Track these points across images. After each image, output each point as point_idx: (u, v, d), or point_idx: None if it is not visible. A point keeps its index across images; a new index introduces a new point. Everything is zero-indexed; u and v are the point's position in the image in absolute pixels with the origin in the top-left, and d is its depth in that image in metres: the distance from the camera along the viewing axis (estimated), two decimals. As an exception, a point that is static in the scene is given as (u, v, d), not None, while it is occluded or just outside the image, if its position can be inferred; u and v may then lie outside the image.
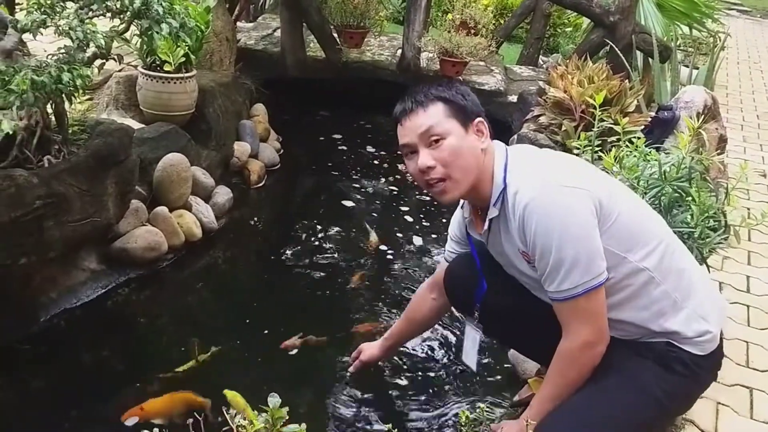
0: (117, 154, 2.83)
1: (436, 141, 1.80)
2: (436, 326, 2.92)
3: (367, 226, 4.10)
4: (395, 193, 4.79)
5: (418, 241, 4.08)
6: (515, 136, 4.58)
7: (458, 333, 2.97)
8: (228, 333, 2.96)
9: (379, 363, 2.68)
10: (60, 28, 2.55)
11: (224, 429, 1.16)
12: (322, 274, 3.56)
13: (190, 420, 1.37)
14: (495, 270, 2.06)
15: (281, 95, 5.56)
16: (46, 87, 2.42)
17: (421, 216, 4.42)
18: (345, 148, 5.46)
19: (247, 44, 5.73)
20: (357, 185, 4.81)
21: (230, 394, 2.01)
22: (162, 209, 3.44)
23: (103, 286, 3.13)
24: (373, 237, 3.96)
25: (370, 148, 5.51)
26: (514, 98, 5.64)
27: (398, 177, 4.98)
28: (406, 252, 3.95)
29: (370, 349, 2.59)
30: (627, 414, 1.79)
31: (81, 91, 2.65)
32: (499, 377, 2.80)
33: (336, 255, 3.79)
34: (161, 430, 1.41)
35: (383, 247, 3.94)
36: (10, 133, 2.40)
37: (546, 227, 1.72)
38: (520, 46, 8.08)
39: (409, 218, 4.41)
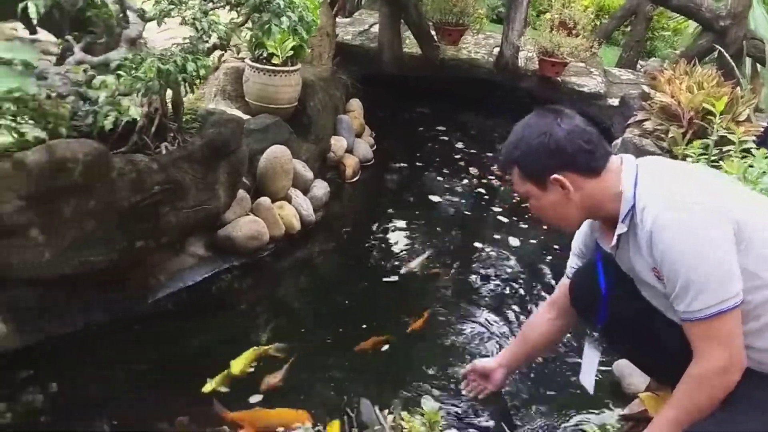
0: (229, 144, 2.89)
1: (526, 198, 1.86)
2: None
3: (422, 254, 3.73)
4: (487, 192, 4.73)
5: (514, 241, 4.00)
6: (618, 141, 4.42)
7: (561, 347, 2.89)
8: (319, 326, 2.99)
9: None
10: (185, 18, 2.62)
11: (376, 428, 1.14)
12: (403, 274, 3.53)
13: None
14: (621, 283, 1.97)
15: (376, 91, 5.58)
16: (171, 75, 2.48)
17: (515, 218, 4.32)
18: (438, 145, 5.42)
19: (344, 39, 5.77)
20: (448, 183, 4.77)
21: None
22: (265, 200, 3.49)
23: (208, 272, 3.21)
24: (415, 263, 3.61)
25: (462, 146, 5.46)
26: (614, 101, 5.47)
27: (491, 177, 4.90)
28: (502, 252, 3.88)
29: (486, 364, 2.48)
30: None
31: (201, 81, 2.71)
32: (603, 390, 2.69)
33: (425, 251, 3.75)
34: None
35: (477, 244, 3.89)
36: (137, 119, 2.48)
37: (674, 246, 1.62)
38: (616, 49, 7.85)
39: (502, 218, 4.34)
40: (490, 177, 4.92)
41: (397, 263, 3.62)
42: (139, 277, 2.90)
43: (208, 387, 2.43)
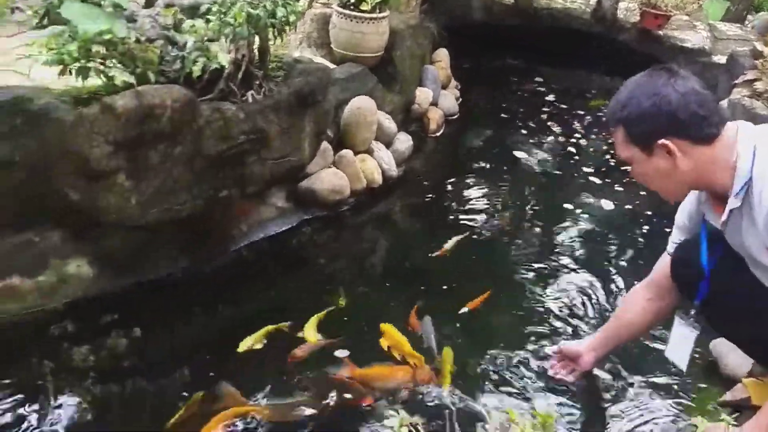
0: (316, 93, 2.79)
1: (629, 163, 1.76)
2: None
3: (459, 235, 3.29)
4: (577, 151, 4.48)
5: (606, 204, 3.78)
6: (725, 102, 4.09)
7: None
8: (395, 284, 2.90)
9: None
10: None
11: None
12: (489, 232, 3.40)
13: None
14: (727, 260, 1.79)
15: (464, 41, 5.34)
16: (260, 21, 2.39)
17: (608, 180, 4.09)
18: (527, 99, 5.18)
19: (432, -15, 5.52)
20: (536, 140, 4.56)
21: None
22: (347, 152, 3.40)
23: (289, 224, 3.18)
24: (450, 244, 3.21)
25: (553, 101, 5.20)
26: (719, 59, 5.06)
27: (582, 133, 4.64)
28: (592, 216, 3.66)
29: (575, 347, 2.33)
30: None
31: (290, 27, 2.60)
32: (699, 370, 2.51)
33: (505, 212, 3.62)
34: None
35: (566, 206, 3.72)
36: (225, 66, 2.40)
37: None
38: (723, 2, 7.25)
39: (594, 179, 4.10)
40: (581, 134, 4.65)
41: (479, 221, 3.48)
42: (223, 226, 2.89)
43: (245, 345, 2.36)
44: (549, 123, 4.84)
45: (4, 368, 2.21)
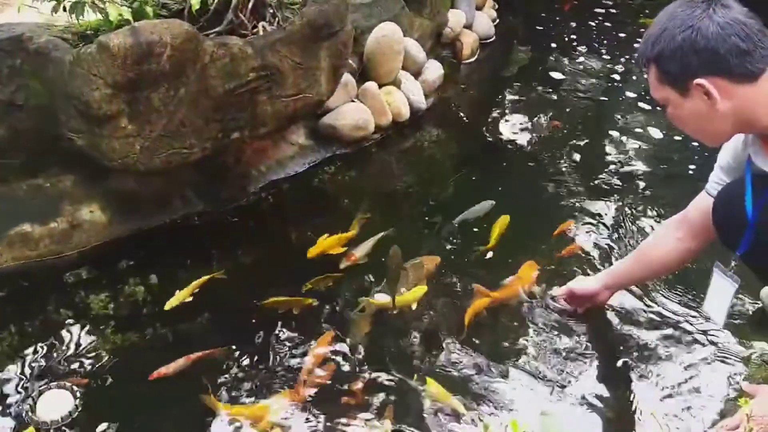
0: (332, 24, 2.58)
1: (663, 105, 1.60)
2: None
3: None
4: (622, 78, 4.18)
5: (655, 132, 3.51)
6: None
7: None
8: (422, 225, 2.79)
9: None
10: None
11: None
12: (530, 164, 3.23)
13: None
14: None
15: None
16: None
17: (659, 108, 3.78)
18: (568, 21, 4.83)
19: None
20: (578, 65, 4.27)
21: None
22: (371, 85, 3.21)
23: (310, 162, 3.06)
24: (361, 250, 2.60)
25: (602, 20, 4.85)
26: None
27: (626, 58, 4.32)
28: (639, 145, 3.42)
29: (587, 287, 2.18)
30: None
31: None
32: (745, 321, 2.33)
33: (541, 146, 3.39)
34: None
35: (614, 134, 3.50)
36: (228, -5, 2.22)
37: None
38: None
39: (643, 105, 3.80)
40: (629, 57, 4.32)
41: (518, 153, 3.30)
42: (239, 167, 2.79)
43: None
44: (595, 45, 4.52)
45: (20, 316, 2.19)
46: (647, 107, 3.78)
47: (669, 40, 1.48)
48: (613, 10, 5.03)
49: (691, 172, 3.16)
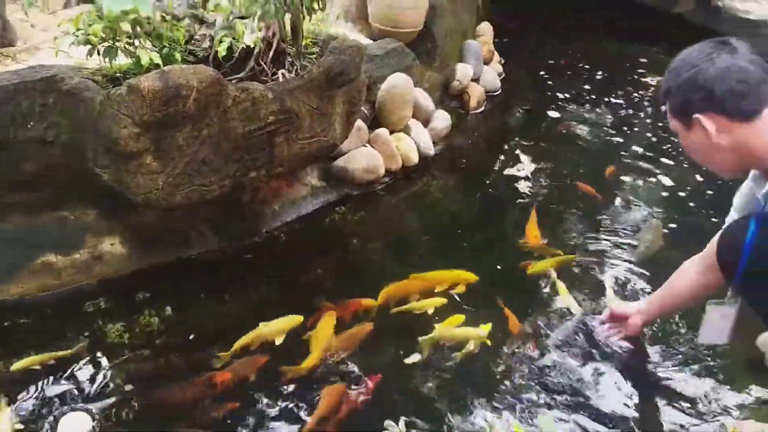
0: (348, 72, 2.73)
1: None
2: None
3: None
4: (629, 126, 4.30)
5: (666, 180, 3.63)
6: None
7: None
8: (427, 265, 2.83)
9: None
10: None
11: None
12: (530, 209, 3.27)
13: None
14: None
15: (508, 13, 5.17)
16: (287, -1, 2.34)
17: (662, 157, 3.89)
18: (575, 72, 4.99)
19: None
20: (584, 115, 4.40)
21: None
22: (383, 131, 3.35)
23: (322, 202, 3.16)
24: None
25: (605, 75, 5.01)
26: (785, 30, 4.79)
27: (634, 110, 4.46)
28: (652, 187, 3.55)
29: (625, 309, 2.33)
30: None
31: (319, 6, 2.55)
32: (740, 364, 2.39)
33: (548, 193, 3.49)
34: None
35: (626, 178, 3.62)
36: (251, 45, 2.37)
37: None
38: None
39: (649, 153, 3.93)
40: (633, 111, 4.47)
41: (520, 201, 3.39)
42: (254, 206, 2.89)
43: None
44: (598, 99, 4.66)
45: (41, 342, 2.26)
46: (652, 155, 3.91)
47: (676, 77, 1.66)
48: (619, 66, 5.20)
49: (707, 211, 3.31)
